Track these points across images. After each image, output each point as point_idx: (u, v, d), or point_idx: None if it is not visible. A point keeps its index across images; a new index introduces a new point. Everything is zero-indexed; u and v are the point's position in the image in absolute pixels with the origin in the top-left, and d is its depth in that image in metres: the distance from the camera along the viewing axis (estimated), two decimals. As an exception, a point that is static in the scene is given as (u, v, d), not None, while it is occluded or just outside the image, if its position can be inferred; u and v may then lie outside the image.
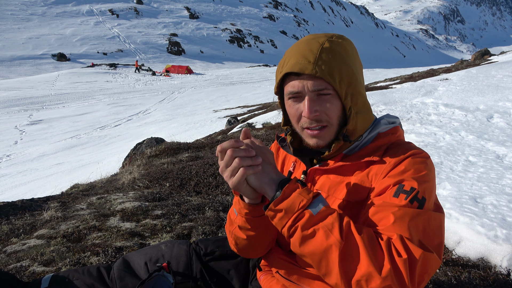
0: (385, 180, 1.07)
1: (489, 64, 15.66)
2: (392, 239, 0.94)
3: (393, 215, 0.98)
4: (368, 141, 1.19)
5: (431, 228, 0.99)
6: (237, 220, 1.25)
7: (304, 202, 0.99)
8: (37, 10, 75.03)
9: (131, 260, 1.60)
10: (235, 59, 75.11)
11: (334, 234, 0.94)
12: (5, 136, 16.16)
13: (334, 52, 1.10)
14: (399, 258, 0.91)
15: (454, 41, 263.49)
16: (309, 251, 0.97)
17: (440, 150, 4.33)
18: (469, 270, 2.11)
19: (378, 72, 34.36)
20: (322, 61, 1.08)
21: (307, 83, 1.10)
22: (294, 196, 1.00)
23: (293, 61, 1.11)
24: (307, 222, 0.97)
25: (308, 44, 1.13)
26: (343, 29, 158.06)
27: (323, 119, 1.13)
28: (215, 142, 6.73)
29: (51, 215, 3.42)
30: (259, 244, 1.29)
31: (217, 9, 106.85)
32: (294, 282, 1.22)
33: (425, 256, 0.93)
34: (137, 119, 19.10)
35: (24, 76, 40.75)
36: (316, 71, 1.07)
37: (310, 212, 0.98)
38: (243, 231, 1.25)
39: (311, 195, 1.00)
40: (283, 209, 1.00)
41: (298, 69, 1.09)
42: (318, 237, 0.96)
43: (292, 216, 0.99)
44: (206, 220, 3.01)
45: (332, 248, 0.93)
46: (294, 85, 1.12)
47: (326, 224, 0.96)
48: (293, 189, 1.01)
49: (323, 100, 1.11)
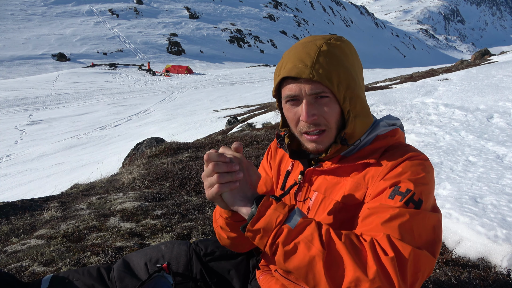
0: (381, 183, 1.06)
1: (489, 64, 15.65)
2: (377, 239, 0.93)
3: (384, 216, 0.96)
4: (366, 143, 1.18)
5: (424, 227, 0.97)
6: (219, 221, 1.25)
7: (280, 217, 0.97)
8: (37, 10, 75.04)
9: (131, 261, 1.60)
10: (235, 59, 75.11)
11: (315, 245, 0.93)
12: (5, 136, 16.16)
13: (332, 55, 1.08)
14: (386, 257, 0.89)
15: (454, 41, 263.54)
16: (294, 266, 0.96)
17: (440, 150, 4.33)
18: (469, 270, 2.10)
19: (378, 72, 34.36)
20: (319, 65, 1.07)
21: (305, 86, 1.08)
22: (270, 213, 0.98)
23: (291, 64, 1.10)
24: (287, 237, 0.95)
25: (306, 47, 1.11)
26: (343, 29, 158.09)
27: (321, 123, 1.12)
28: (215, 142, 6.73)
29: (51, 215, 3.42)
30: (240, 244, 1.31)
31: (217, 9, 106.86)
32: (293, 281, 1.22)
33: (415, 254, 0.91)
34: (137, 119, 19.11)
35: (24, 76, 40.76)
36: (313, 75, 1.06)
37: (288, 227, 0.96)
38: (224, 232, 1.26)
39: (286, 209, 0.99)
40: (261, 229, 0.98)
41: (295, 73, 1.07)
42: (300, 250, 0.94)
43: (271, 234, 0.97)
44: (206, 220, 3.01)
45: (315, 259, 0.92)
46: (292, 89, 1.11)
47: (305, 236, 0.94)
48: (268, 205, 0.99)
49: (321, 104, 1.10)
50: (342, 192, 1.13)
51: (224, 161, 1.01)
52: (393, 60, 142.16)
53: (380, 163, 1.10)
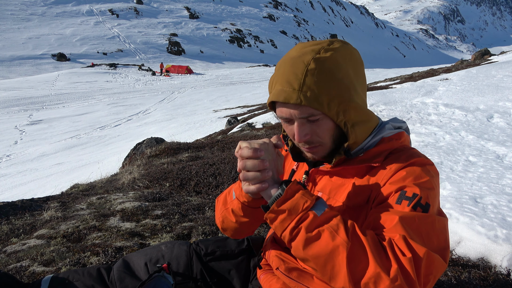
0: (386, 187, 1.05)
1: (489, 64, 15.65)
2: (394, 239, 0.93)
3: (395, 219, 0.96)
4: (371, 145, 1.17)
5: (435, 231, 0.97)
6: (233, 204, 1.26)
7: (308, 203, 0.97)
8: (37, 10, 74.99)
9: (131, 261, 1.60)
10: (235, 59, 75.07)
11: (340, 235, 0.92)
12: (5, 136, 16.15)
13: (320, 73, 1.04)
14: (404, 257, 0.89)
15: (454, 41, 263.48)
16: (313, 254, 0.95)
17: (440, 150, 4.33)
18: (469, 270, 2.10)
19: (378, 72, 34.34)
20: (307, 87, 1.03)
21: (294, 112, 1.07)
22: (298, 197, 0.98)
23: (279, 87, 1.08)
24: (311, 224, 0.95)
25: (293, 65, 1.07)
26: (343, 29, 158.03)
27: (314, 141, 1.12)
28: (215, 142, 6.73)
29: (51, 215, 3.41)
30: (245, 231, 1.33)
31: (217, 9, 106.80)
32: (294, 279, 1.22)
33: (429, 256, 0.91)
34: (137, 119, 19.09)
35: (24, 76, 40.72)
36: (301, 100, 1.03)
37: (314, 213, 0.96)
38: (234, 216, 1.26)
39: (314, 197, 0.99)
40: (286, 210, 0.98)
41: (283, 99, 1.06)
42: (324, 238, 0.93)
43: (295, 217, 0.97)
44: (206, 220, 3.01)
45: (339, 249, 0.91)
46: (282, 111, 1.10)
47: (331, 225, 0.94)
48: (296, 190, 1.00)
49: (313, 124, 1.10)
50: (346, 194, 1.13)
51: (260, 155, 1.03)
52: (393, 60, 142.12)
53: (385, 167, 1.10)
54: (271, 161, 1.06)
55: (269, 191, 1.03)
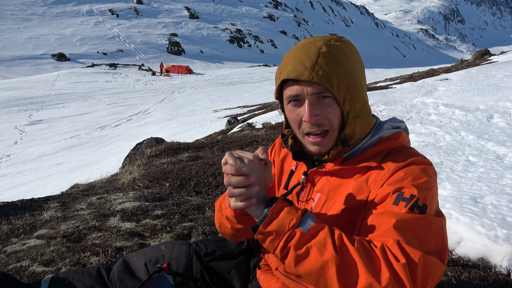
0: (384, 188, 1.05)
1: (489, 64, 15.65)
2: (387, 245, 0.92)
3: (391, 221, 0.96)
4: (369, 145, 1.17)
5: (432, 232, 0.96)
6: (227, 211, 1.25)
7: (294, 221, 0.97)
8: (37, 10, 74.98)
9: (131, 261, 1.60)
10: (235, 59, 75.06)
11: (328, 250, 0.92)
12: (5, 136, 16.15)
13: (331, 56, 1.08)
14: (397, 263, 0.88)
15: (454, 41, 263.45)
16: (305, 271, 0.95)
17: (440, 150, 4.33)
18: (469, 270, 2.10)
19: (378, 72, 34.33)
20: (319, 67, 1.06)
21: (306, 88, 1.08)
22: (283, 216, 0.98)
23: (290, 67, 1.10)
24: (299, 242, 0.95)
25: (305, 48, 1.11)
26: (343, 29, 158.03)
27: (324, 123, 1.11)
28: (215, 142, 6.73)
29: (51, 215, 3.41)
30: (241, 236, 1.32)
31: (217, 9, 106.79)
32: (293, 279, 1.22)
33: (425, 259, 0.90)
34: (137, 119, 19.09)
35: (24, 76, 40.72)
36: (313, 77, 1.06)
37: (301, 230, 0.96)
38: (229, 223, 1.26)
39: (299, 213, 0.99)
40: (273, 231, 0.97)
41: (295, 76, 1.07)
42: (313, 255, 0.93)
43: (283, 237, 0.96)
44: (206, 220, 3.01)
45: (328, 265, 0.91)
46: (293, 89, 1.11)
47: (318, 241, 0.94)
48: (281, 208, 0.99)
49: (323, 104, 1.10)
50: (345, 194, 1.13)
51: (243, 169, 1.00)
52: (393, 60, 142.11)
53: (382, 167, 1.10)
54: (257, 177, 1.04)
55: (256, 210, 1.03)
